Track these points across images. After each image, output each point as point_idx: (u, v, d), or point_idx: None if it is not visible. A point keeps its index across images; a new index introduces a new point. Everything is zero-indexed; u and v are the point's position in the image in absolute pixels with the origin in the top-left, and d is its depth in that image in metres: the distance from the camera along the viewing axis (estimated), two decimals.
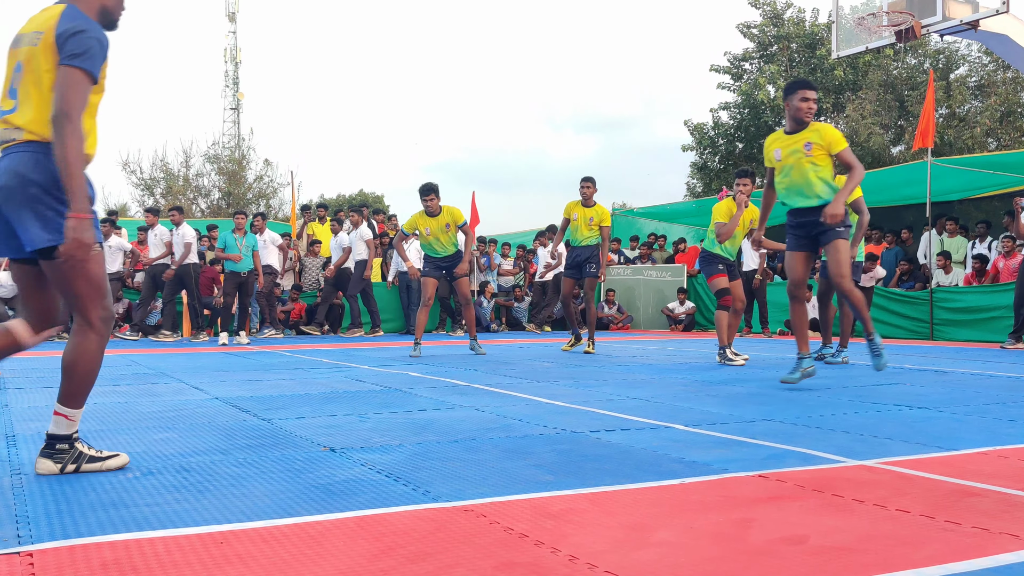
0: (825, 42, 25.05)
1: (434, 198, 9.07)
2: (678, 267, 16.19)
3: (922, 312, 12.28)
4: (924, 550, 2.12)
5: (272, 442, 3.69)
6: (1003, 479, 2.92)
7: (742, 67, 27.89)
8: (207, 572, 1.97)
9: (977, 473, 3.02)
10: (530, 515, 2.46)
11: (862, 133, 23.25)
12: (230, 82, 48.39)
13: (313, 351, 10.00)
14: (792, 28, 26.64)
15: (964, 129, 22.50)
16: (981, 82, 23.89)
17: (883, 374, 6.57)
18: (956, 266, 12.85)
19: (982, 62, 24.02)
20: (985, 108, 22.89)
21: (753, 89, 26.23)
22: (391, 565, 2.02)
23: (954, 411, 4.64)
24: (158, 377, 6.72)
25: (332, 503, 2.61)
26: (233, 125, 47.05)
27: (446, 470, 3.08)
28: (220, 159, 34.00)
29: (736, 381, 6.32)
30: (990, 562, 2.02)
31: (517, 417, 4.40)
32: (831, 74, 25.69)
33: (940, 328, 12.10)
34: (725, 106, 27.59)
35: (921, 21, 10.24)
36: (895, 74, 24.88)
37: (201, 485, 2.86)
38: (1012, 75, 22.34)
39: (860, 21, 11.14)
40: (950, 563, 2.01)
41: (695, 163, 29.07)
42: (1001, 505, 2.57)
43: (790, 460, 3.26)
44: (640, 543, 2.20)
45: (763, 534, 2.27)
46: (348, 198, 43.72)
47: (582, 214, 9.39)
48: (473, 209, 17.16)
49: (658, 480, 2.92)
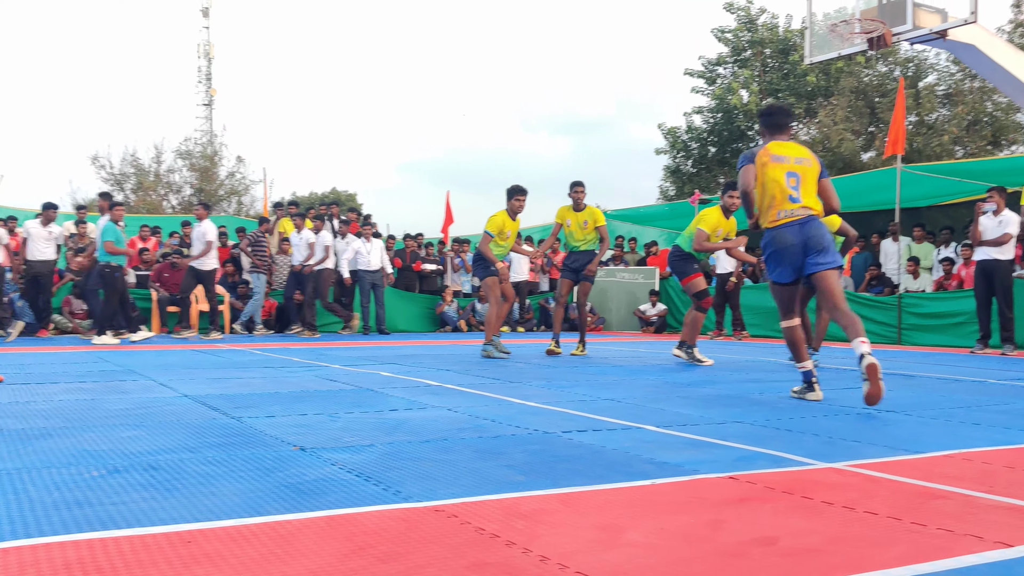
0: (798, 48, 25.29)
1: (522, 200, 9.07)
2: (650, 269, 16.27)
3: (890, 317, 12.43)
4: (891, 551, 2.14)
5: (242, 441, 3.66)
6: (968, 482, 2.96)
7: (716, 71, 28.10)
8: (174, 572, 1.95)
9: (943, 476, 3.06)
10: (501, 515, 2.46)
11: (834, 139, 23.50)
12: (203, 78, 47.99)
13: (284, 350, 9.93)
14: (766, 34, 26.88)
15: (932, 136, 22.80)
16: (949, 91, 24.23)
17: (851, 378, 6.63)
18: (924, 272, 13.03)
19: (950, 71, 24.37)
20: (953, 116, 23.23)
21: (726, 94, 26.43)
22: (361, 565, 2.01)
23: (921, 415, 4.69)
24: (126, 374, 6.64)
25: (302, 502, 2.59)
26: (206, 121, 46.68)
27: (417, 470, 3.07)
28: (192, 155, 33.71)
29: (707, 383, 6.35)
30: (955, 563, 2.04)
31: (489, 418, 4.39)
32: (804, 80, 25.94)
33: (908, 333, 12.25)
34: (699, 110, 27.79)
35: (892, 29, 10.37)
36: (866, 81, 25.17)
37: (169, 483, 2.82)
38: (979, 84, 22.69)
39: (833, 28, 11.26)
40: (916, 564, 2.03)
41: (668, 166, 29.25)
42: (966, 507, 2.60)
43: (760, 462, 3.28)
44: (611, 544, 2.20)
45: (733, 535, 2.28)
46: (321, 196, 43.49)
47: (575, 219, 9.26)
48: (447, 209, 17.14)
49: (629, 481, 2.93)
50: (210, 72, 48.15)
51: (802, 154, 5.46)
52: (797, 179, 5.32)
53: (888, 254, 13.65)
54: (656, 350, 10.59)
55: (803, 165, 5.39)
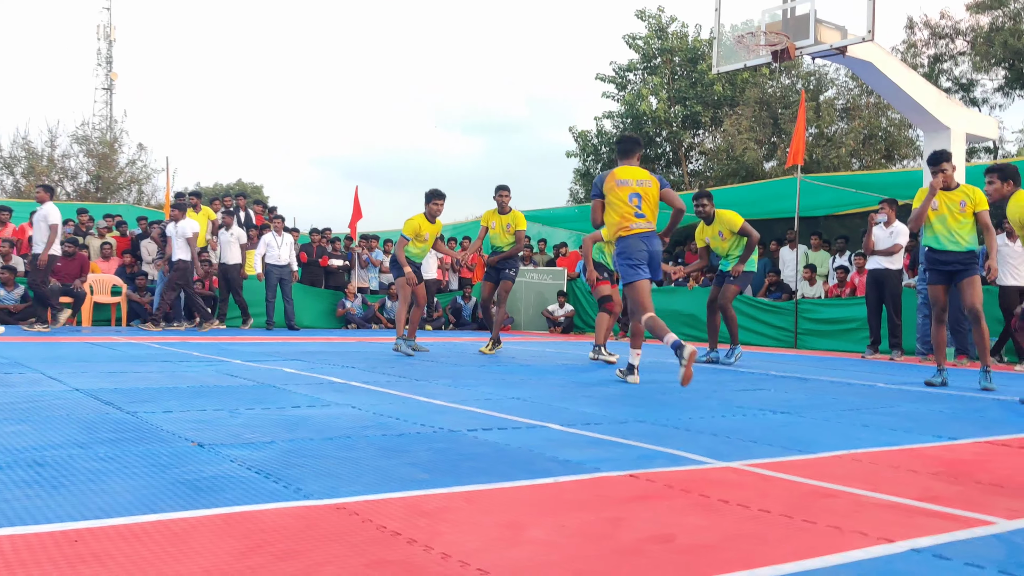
0: (706, 57, 25.89)
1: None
2: (559, 270, 16.42)
3: (787, 322, 12.84)
4: (783, 548, 2.21)
5: (136, 436, 3.54)
6: (856, 481, 3.08)
7: (626, 78, 28.50)
8: (59, 572, 1.87)
9: (833, 475, 3.17)
10: (403, 513, 2.44)
11: (738, 147, 24.11)
12: (103, 60, 46.27)
13: (183, 344, 9.65)
14: (676, 42, 27.40)
15: (831, 148, 23.64)
16: (847, 105, 25.15)
17: (749, 380, 6.83)
18: (820, 279, 13.52)
19: (848, 86, 25.30)
20: (850, 130, 24.13)
21: (636, 100, 26.85)
22: (258, 563, 1.97)
23: (814, 416, 4.86)
24: (12, 367, 6.34)
25: (198, 500, 2.52)
26: (105, 106, 45.02)
27: (319, 467, 3.02)
28: (90, 140, 32.42)
29: (611, 382, 6.45)
30: (842, 558, 2.12)
31: (394, 415, 4.36)
32: (711, 89, 26.55)
33: (803, 337, 12.68)
34: (609, 115, 28.14)
35: (795, 43, 10.69)
36: (770, 92, 25.92)
37: (56, 480, 2.71)
38: (875, 100, 23.64)
39: (739, 39, 11.56)
40: (805, 560, 2.10)
41: (579, 169, 29.55)
42: (853, 505, 2.71)
43: (660, 460, 3.34)
44: (513, 541, 2.21)
45: (633, 533, 2.32)
46: (226, 187, 42.41)
47: (499, 221, 9.65)
48: (356, 204, 16.92)
49: (532, 479, 2.94)
50: (111, 55, 46.47)
51: (643, 177, 6.43)
52: (639, 199, 6.34)
53: (786, 261, 14.13)
54: (563, 350, 10.69)
55: (644, 187, 6.38)
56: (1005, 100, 26.41)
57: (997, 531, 2.44)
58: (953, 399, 6.04)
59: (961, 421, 4.86)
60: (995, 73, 25.93)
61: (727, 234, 8.76)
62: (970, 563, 2.11)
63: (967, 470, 3.36)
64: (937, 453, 3.76)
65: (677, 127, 27.13)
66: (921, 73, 22.36)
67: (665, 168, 28.87)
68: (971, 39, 25.58)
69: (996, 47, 24.20)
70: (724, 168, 25.27)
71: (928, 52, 26.55)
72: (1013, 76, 25.35)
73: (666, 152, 28.69)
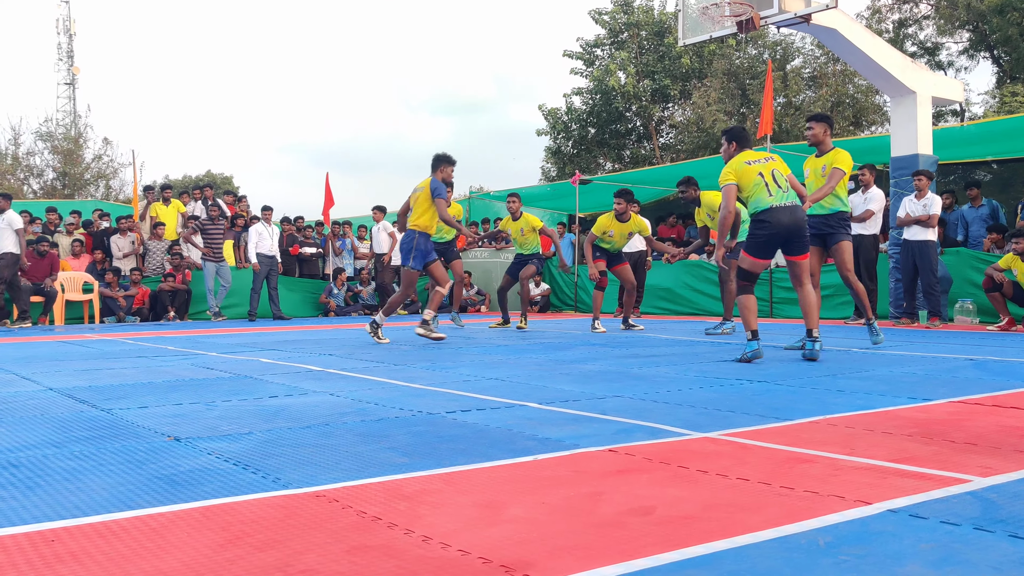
0: (672, 31, 25.88)
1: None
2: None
3: (762, 292, 12.92)
4: (761, 515, 2.23)
5: (112, 433, 3.51)
6: (832, 445, 3.11)
7: (594, 53, 28.44)
8: (35, 573, 1.85)
9: (809, 441, 3.20)
10: (384, 498, 2.44)
11: (707, 119, 24.17)
12: (64, 55, 45.59)
13: (157, 338, 9.57)
14: (641, 16, 27.36)
15: (799, 117, 23.74)
16: (814, 73, 25.27)
17: (726, 351, 6.87)
18: None
19: (815, 55, 25.41)
20: (817, 98, 24.25)
21: (605, 75, 26.80)
22: (238, 555, 1.96)
23: (790, 384, 4.90)
24: None
25: (176, 494, 2.50)
26: (68, 101, 44.41)
27: (298, 456, 3.01)
28: (54, 137, 31.97)
29: (589, 359, 6.47)
30: (820, 522, 2.15)
31: (372, 401, 4.35)
32: (678, 62, 26.56)
33: (779, 306, 12.77)
34: (578, 91, 28.09)
35: (760, 13, 10.68)
36: (738, 63, 25.97)
37: (31, 481, 2.68)
38: (841, 68, 23.74)
39: (704, 11, 11.52)
40: (784, 525, 2.12)
41: (549, 147, 29.52)
42: (829, 469, 2.73)
43: (638, 434, 3.36)
44: (493, 520, 2.21)
45: (612, 506, 2.33)
46: (195, 179, 41.99)
47: (514, 228, 10.57)
48: (327, 191, 16.82)
49: (512, 458, 2.95)
50: (72, 49, 45.80)
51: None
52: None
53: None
54: (540, 328, 10.70)
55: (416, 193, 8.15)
56: (970, 63, 26.64)
57: (972, 488, 2.47)
58: (927, 361, 6.12)
59: (934, 382, 4.92)
60: (959, 36, 26.13)
61: (715, 214, 8.89)
62: (946, 521, 2.14)
63: (941, 430, 3.40)
64: (911, 415, 3.80)
65: (646, 101, 27.11)
66: (886, 38, 22.49)
67: (636, 143, 28.89)
68: (935, 2, 25.73)
69: (960, 10, 24.35)
70: (695, 140, 25.33)
71: (893, 17, 26.69)
72: (977, 38, 25.54)
73: (636, 127, 28.69)
